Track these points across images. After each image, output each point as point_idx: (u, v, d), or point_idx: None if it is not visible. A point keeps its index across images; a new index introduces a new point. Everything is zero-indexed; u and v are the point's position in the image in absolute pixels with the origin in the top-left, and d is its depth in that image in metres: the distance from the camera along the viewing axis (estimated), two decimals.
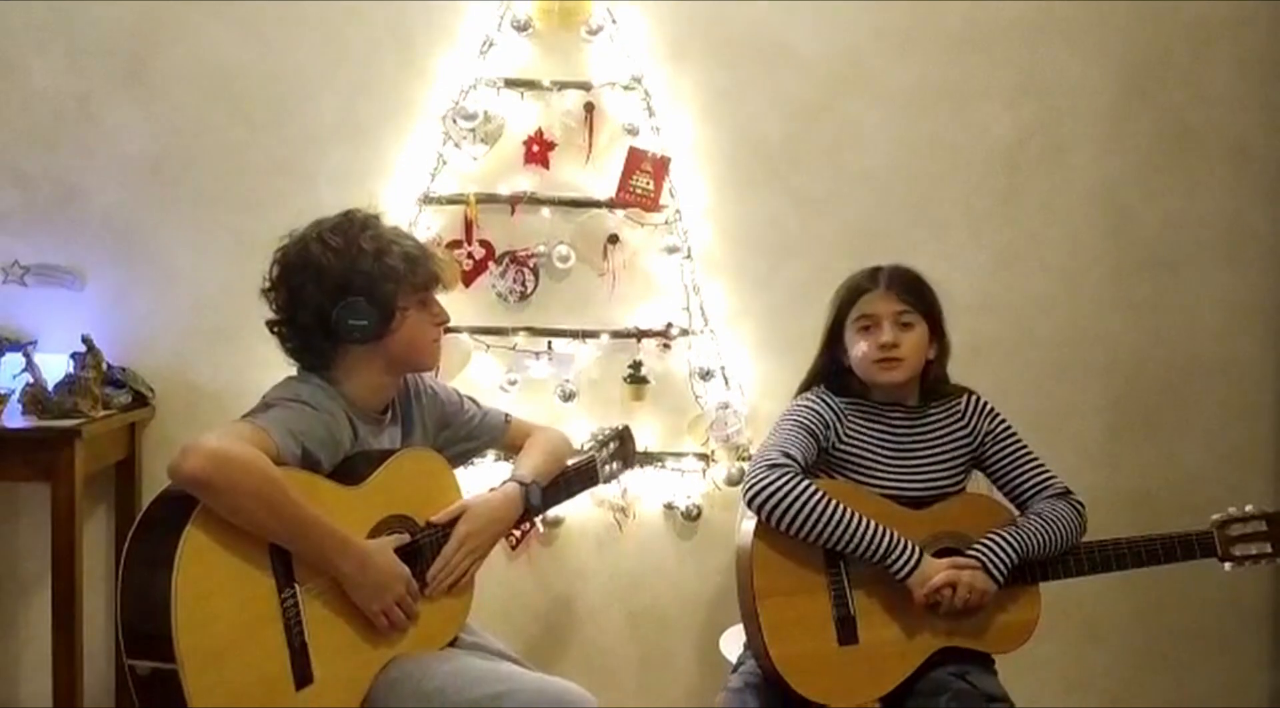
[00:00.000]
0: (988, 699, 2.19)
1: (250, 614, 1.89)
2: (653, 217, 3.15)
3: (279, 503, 1.89)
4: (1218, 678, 3.33)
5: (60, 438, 2.73)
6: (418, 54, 3.12)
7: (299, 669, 1.93)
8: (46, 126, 3.08)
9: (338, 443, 2.07)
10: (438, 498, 2.24)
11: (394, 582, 2.05)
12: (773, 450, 2.28)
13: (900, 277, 2.39)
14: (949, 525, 2.33)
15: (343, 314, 2.09)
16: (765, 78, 3.19)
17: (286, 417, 2.00)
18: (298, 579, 1.95)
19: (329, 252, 2.10)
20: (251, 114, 3.11)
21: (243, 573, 1.89)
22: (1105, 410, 3.29)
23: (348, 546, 1.99)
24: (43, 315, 3.07)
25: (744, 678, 2.31)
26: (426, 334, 2.22)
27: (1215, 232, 3.29)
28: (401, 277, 2.13)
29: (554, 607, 3.23)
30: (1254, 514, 2.38)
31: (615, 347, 3.16)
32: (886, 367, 2.34)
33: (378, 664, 2.06)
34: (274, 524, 1.90)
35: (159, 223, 3.11)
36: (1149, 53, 3.25)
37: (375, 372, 2.17)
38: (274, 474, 1.89)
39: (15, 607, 3.15)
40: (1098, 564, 2.37)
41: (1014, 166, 3.24)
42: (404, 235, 2.22)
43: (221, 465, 1.83)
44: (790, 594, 2.25)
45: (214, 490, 1.83)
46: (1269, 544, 2.38)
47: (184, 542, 1.82)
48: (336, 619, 2.01)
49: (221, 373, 3.08)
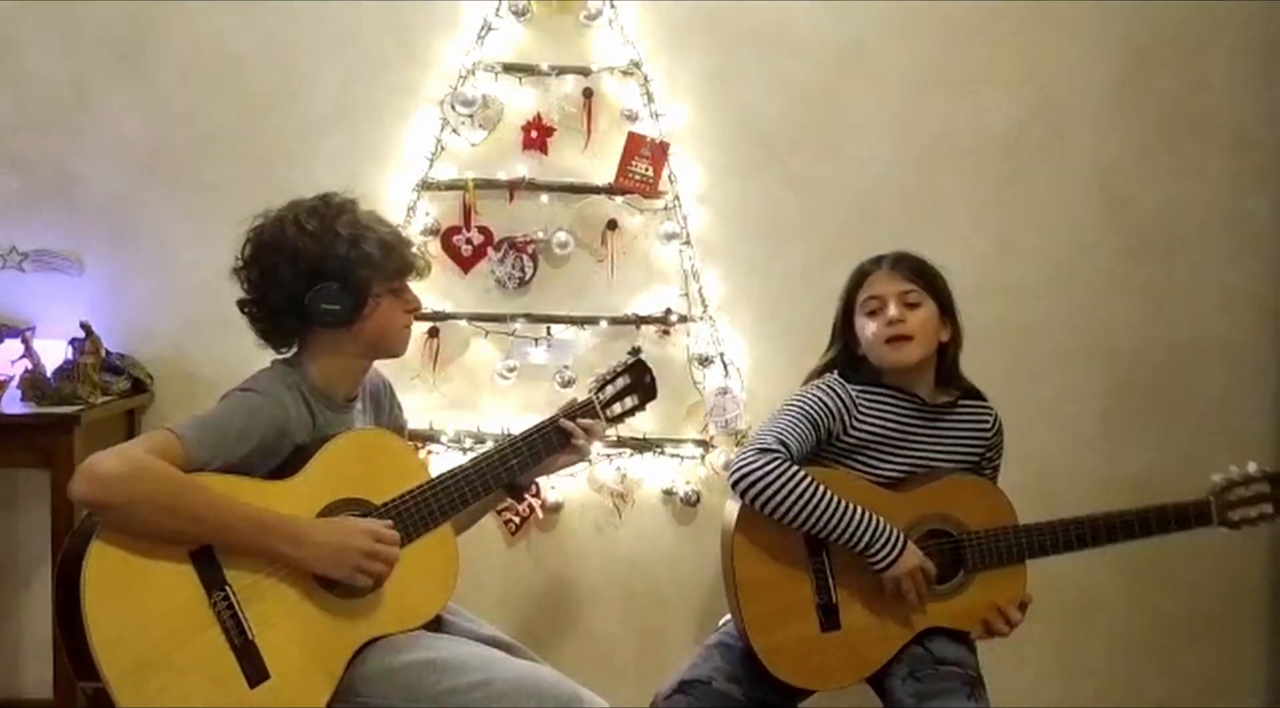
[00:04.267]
0: (938, 663, 2.21)
1: (179, 622, 1.89)
2: (652, 202, 3.14)
3: (185, 504, 1.88)
4: (1213, 663, 3.34)
5: (59, 424, 2.73)
6: (416, 39, 3.12)
7: (249, 668, 1.92)
8: (44, 112, 3.08)
9: (283, 433, 2.05)
10: (393, 476, 2.14)
11: (350, 537, 2.00)
12: (766, 435, 2.28)
13: (904, 258, 2.41)
14: (937, 507, 2.32)
15: (316, 298, 2.09)
16: (764, 63, 3.18)
17: (224, 413, 2.00)
18: (229, 580, 1.93)
19: (304, 235, 2.10)
20: (249, 99, 3.11)
21: (160, 584, 1.89)
22: (1104, 396, 3.29)
23: (278, 526, 1.96)
24: (41, 301, 3.07)
25: (720, 637, 2.35)
26: (397, 321, 2.20)
27: (1214, 218, 3.28)
28: (377, 264, 2.12)
29: (553, 591, 3.24)
30: (1256, 476, 2.34)
31: (614, 333, 3.16)
32: (895, 346, 2.33)
33: (348, 651, 2.03)
34: (186, 526, 1.89)
35: (157, 209, 3.11)
36: (1148, 39, 3.24)
37: (344, 355, 2.17)
38: (174, 476, 1.88)
39: (15, 593, 3.15)
40: (1088, 538, 2.35)
41: (1013, 153, 3.24)
42: (381, 222, 2.19)
43: (110, 483, 1.84)
44: (772, 582, 2.25)
45: (109, 508, 1.85)
46: (1270, 505, 2.33)
47: (87, 562, 1.83)
48: (290, 612, 1.98)
49: (219, 359, 3.07)
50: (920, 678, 2.20)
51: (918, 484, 2.35)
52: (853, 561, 2.26)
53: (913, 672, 2.22)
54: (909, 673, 2.22)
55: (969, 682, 2.20)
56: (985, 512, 2.35)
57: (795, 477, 2.20)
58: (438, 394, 3.13)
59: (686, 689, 2.24)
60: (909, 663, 2.24)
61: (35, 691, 3.11)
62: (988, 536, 2.32)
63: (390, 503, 2.12)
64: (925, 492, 2.34)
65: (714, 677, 2.25)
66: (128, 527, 1.86)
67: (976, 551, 2.31)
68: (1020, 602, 2.33)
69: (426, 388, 3.11)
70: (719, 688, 2.24)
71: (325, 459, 2.07)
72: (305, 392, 2.12)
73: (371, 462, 2.15)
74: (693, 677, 2.26)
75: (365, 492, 2.11)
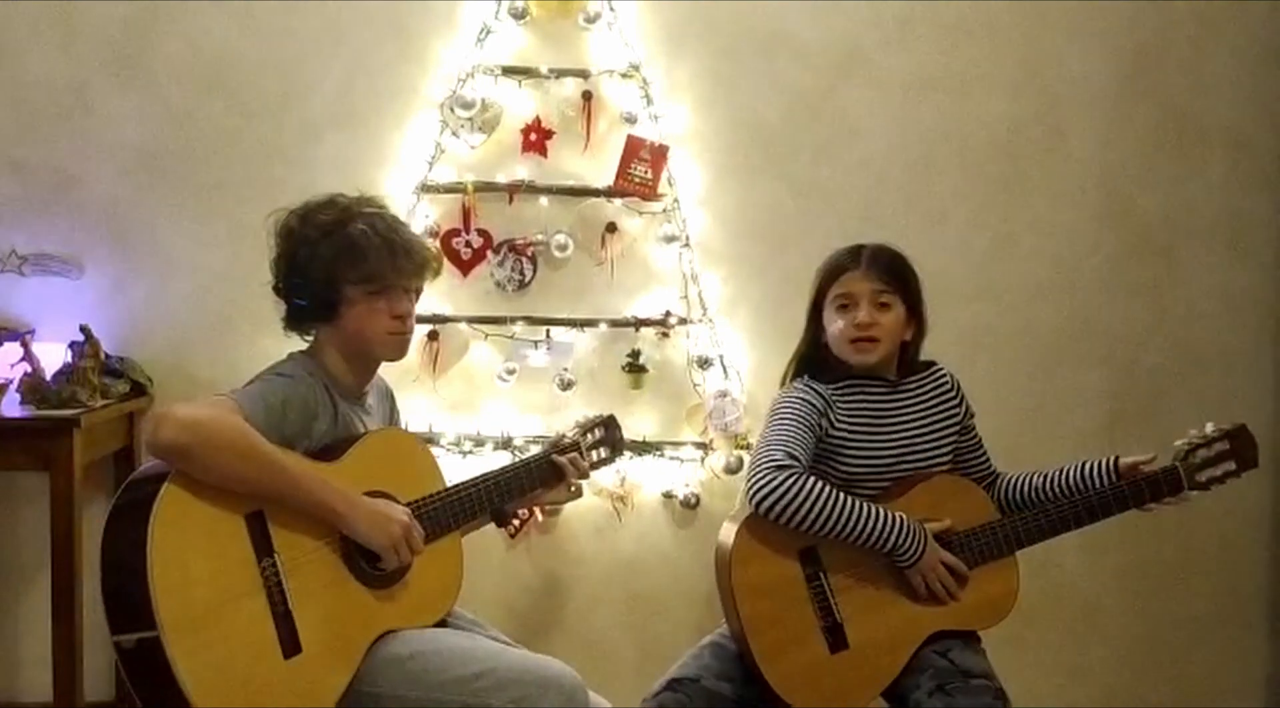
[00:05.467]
0: (966, 676, 2.20)
1: (229, 580, 1.90)
2: (651, 205, 3.14)
3: (258, 454, 1.93)
4: (1214, 665, 3.34)
5: (59, 427, 2.73)
6: (415, 42, 3.12)
7: (285, 638, 1.94)
8: (43, 116, 3.08)
9: (314, 415, 2.09)
10: (416, 477, 2.22)
11: (395, 514, 2.07)
12: (776, 449, 2.26)
13: (880, 256, 2.38)
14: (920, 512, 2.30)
15: (291, 293, 2.18)
16: (763, 66, 3.18)
17: (264, 389, 2.05)
18: (277, 549, 1.96)
19: (287, 230, 2.18)
20: (248, 103, 3.11)
21: (218, 540, 1.91)
22: (1103, 398, 3.29)
23: (335, 487, 2.02)
24: (41, 305, 3.07)
25: (714, 637, 2.35)
26: (378, 325, 2.18)
27: (1213, 220, 3.29)
28: (332, 266, 2.13)
29: (553, 594, 3.24)
30: (1215, 435, 2.36)
31: (613, 335, 3.16)
32: (860, 347, 2.35)
33: (367, 640, 2.06)
34: (257, 475, 1.93)
35: (156, 212, 3.11)
36: (1148, 41, 3.24)
37: (337, 352, 2.21)
38: (248, 427, 1.93)
39: (14, 596, 3.15)
40: (1070, 520, 2.35)
41: (1012, 155, 3.24)
42: (382, 227, 2.17)
43: (195, 428, 1.88)
44: (775, 613, 2.24)
45: (191, 453, 1.88)
46: (1233, 462, 2.36)
47: (157, 509, 1.84)
48: (324, 591, 2.01)
49: (219, 362, 3.08)
50: (950, 692, 2.18)
51: (897, 493, 2.35)
52: (849, 577, 2.26)
53: (941, 685, 2.19)
54: (937, 687, 2.19)
55: (999, 696, 2.20)
56: (966, 509, 2.35)
57: (816, 488, 2.20)
58: (437, 397, 3.13)
59: (675, 687, 2.24)
60: (935, 676, 2.21)
61: (34, 694, 3.11)
62: (974, 532, 2.33)
63: (413, 503, 2.16)
64: (906, 500, 2.34)
65: (703, 675, 2.25)
66: (206, 472, 1.89)
67: (966, 548, 2.31)
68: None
69: (426, 391, 3.11)
70: (708, 686, 2.23)
71: (360, 452, 2.13)
72: (325, 380, 2.16)
73: (400, 461, 2.22)
74: (682, 675, 2.26)
75: (394, 488, 2.16)
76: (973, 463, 2.50)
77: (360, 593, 2.07)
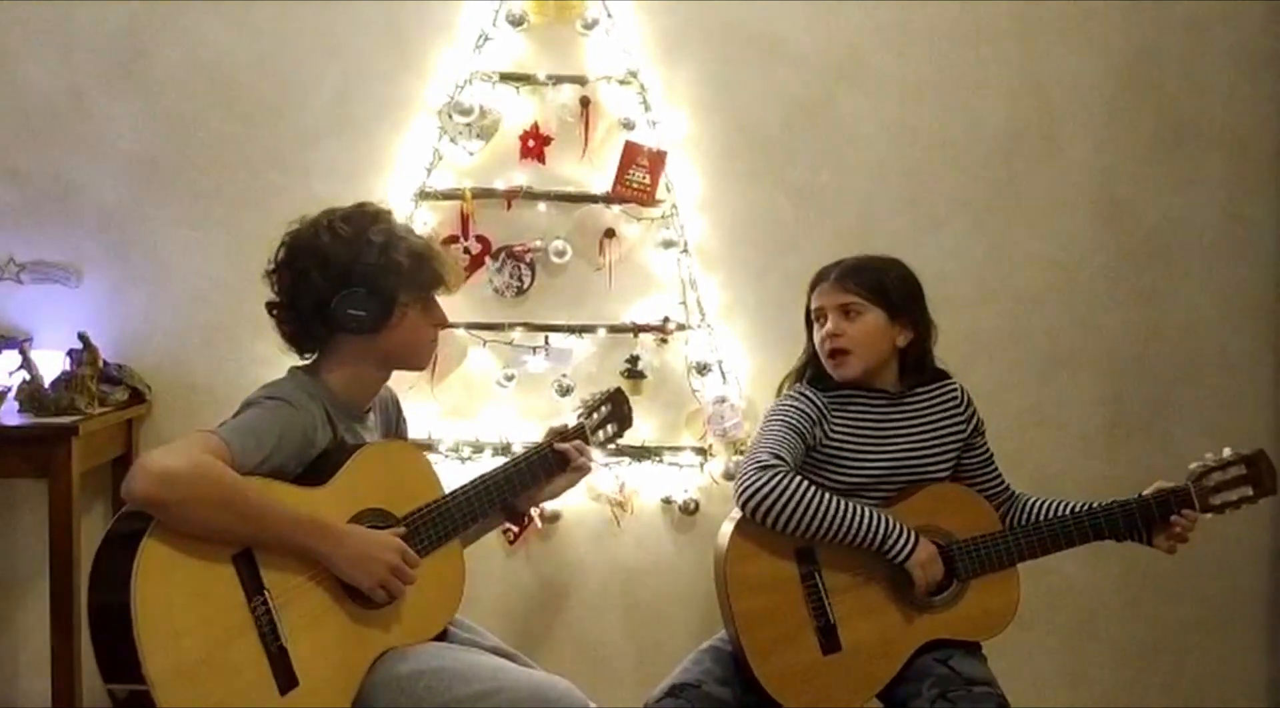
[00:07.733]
0: (969, 684, 2.20)
1: (220, 626, 1.88)
2: (649, 211, 3.15)
3: (236, 503, 1.89)
4: (1214, 669, 3.34)
5: (57, 435, 2.72)
6: (413, 49, 3.12)
7: (281, 675, 1.92)
8: (41, 123, 3.07)
9: (310, 443, 2.06)
10: (413, 488, 2.18)
11: (382, 551, 2.02)
12: (762, 451, 2.27)
13: (852, 266, 2.39)
14: (923, 519, 2.31)
15: (343, 303, 2.10)
16: (761, 71, 3.18)
17: (255, 420, 2.00)
18: (267, 586, 1.94)
19: (337, 240, 2.11)
20: (246, 110, 3.11)
21: (206, 586, 1.88)
22: (1103, 403, 3.29)
23: (320, 527, 1.98)
24: (39, 312, 3.06)
25: (715, 642, 2.36)
26: (423, 335, 2.21)
27: (1212, 224, 3.29)
28: (405, 273, 2.13)
29: (551, 600, 3.23)
30: (1231, 460, 2.34)
31: (612, 341, 3.16)
32: (835, 360, 2.37)
33: (366, 661, 2.04)
34: (236, 525, 1.90)
35: (154, 219, 3.11)
36: (1145, 46, 3.25)
37: (367, 365, 2.18)
38: (226, 476, 1.88)
39: (12, 604, 3.14)
40: (1075, 537, 2.34)
41: (1010, 160, 3.24)
42: (414, 234, 2.21)
43: (170, 482, 1.83)
44: (769, 611, 2.25)
45: (167, 507, 1.84)
46: (1250, 487, 2.33)
47: (139, 559, 1.82)
48: (317, 621, 1.99)
49: (217, 369, 3.08)
50: (953, 699, 2.18)
51: (901, 499, 2.35)
52: (846, 579, 2.26)
53: (944, 693, 2.19)
54: (940, 694, 2.19)
55: (1002, 703, 2.20)
56: (970, 519, 2.35)
57: (801, 488, 2.21)
58: (436, 403, 3.13)
59: (677, 693, 2.24)
60: (937, 684, 2.21)
61: (33, 702, 3.10)
62: (977, 542, 2.32)
63: (410, 515, 2.14)
64: (908, 506, 2.34)
65: (704, 680, 2.25)
66: (184, 524, 1.86)
67: (968, 558, 2.31)
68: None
69: (425, 397, 3.11)
70: (709, 691, 2.23)
71: (353, 469, 2.09)
72: (325, 402, 2.13)
73: (395, 473, 2.18)
74: (683, 681, 2.26)
75: (388, 502, 2.13)
76: (982, 479, 2.48)
77: (357, 615, 2.04)
